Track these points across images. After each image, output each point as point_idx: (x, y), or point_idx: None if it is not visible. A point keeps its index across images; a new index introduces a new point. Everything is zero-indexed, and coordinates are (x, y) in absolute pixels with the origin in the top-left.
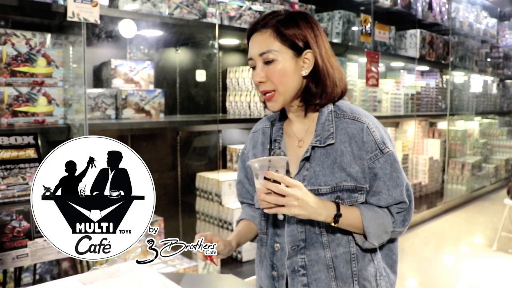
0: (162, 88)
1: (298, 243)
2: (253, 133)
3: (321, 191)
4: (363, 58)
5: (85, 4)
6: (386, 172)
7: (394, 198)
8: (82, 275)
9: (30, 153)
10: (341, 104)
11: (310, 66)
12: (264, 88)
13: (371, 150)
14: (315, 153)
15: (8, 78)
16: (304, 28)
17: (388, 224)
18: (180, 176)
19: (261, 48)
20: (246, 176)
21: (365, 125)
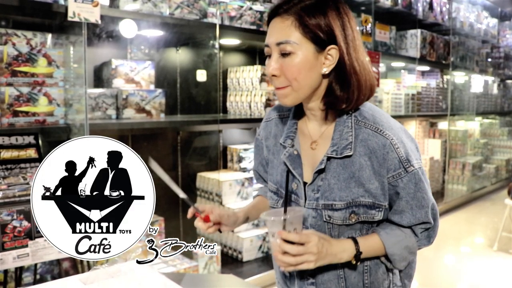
0: (163, 88)
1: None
2: (266, 122)
3: (336, 206)
4: None
5: (86, 4)
6: (410, 192)
7: (418, 218)
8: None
9: (31, 153)
10: (364, 108)
11: (333, 64)
12: (278, 84)
13: (394, 168)
14: (331, 163)
15: (9, 78)
16: (333, 19)
17: (413, 245)
18: (181, 176)
19: (279, 37)
20: (260, 163)
21: (388, 141)
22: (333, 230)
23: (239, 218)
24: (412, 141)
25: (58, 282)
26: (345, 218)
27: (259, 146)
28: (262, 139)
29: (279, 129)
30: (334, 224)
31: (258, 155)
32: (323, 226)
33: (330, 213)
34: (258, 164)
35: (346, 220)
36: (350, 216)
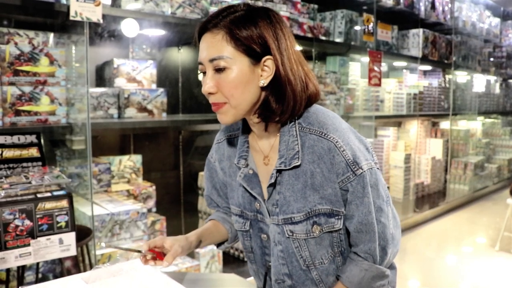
0: (165, 87)
1: (283, 278)
2: (218, 144)
3: (295, 219)
4: (365, 57)
5: (88, 4)
6: (358, 196)
7: (365, 225)
8: (85, 274)
9: (33, 152)
10: (309, 114)
11: (270, 75)
12: (214, 100)
13: (343, 172)
14: (283, 176)
15: (11, 77)
16: (265, 29)
17: (378, 270)
18: (183, 175)
19: (212, 53)
20: (214, 186)
21: (333, 144)
22: (301, 249)
23: (192, 243)
24: (361, 141)
25: (60, 281)
26: (308, 230)
27: (212, 169)
28: (215, 161)
29: (232, 150)
30: (299, 240)
31: (211, 178)
32: (289, 244)
33: (291, 228)
34: (211, 188)
35: (309, 233)
36: (313, 228)
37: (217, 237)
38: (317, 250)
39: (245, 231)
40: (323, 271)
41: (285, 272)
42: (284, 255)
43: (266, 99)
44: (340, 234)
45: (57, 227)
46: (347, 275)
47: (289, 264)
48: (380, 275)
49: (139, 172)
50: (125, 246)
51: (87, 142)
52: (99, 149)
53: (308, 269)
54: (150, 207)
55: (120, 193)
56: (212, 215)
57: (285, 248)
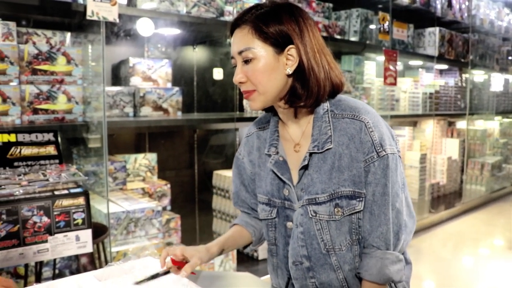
0: (180, 86)
1: (301, 260)
2: (247, 137)
3: (319, 199)
4: (381, 56)
5: (104, 3)
6: (377, 177)
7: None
8: (98, 271)
9: (50, 150)
10: (340, 102)
11: (295, 63)
12: (245, 88)
13: (368, 151)
14: (313, 159)
15: (30, 76)
16: (287, 22)
17: (392, 256)
18: (197, 173)
19: (240, 46)
20: (242, 183)
21: (363, 124)
22: (323, 231)
23: (213, 254)
24: (388, 129)
25: (74, 278)
26: (331, 212)
27: (240, 166)
28: (243, 157)
29: (261, 141)
30: (321, 222)
31: (239, 175)
32: (311, 225)
33: (314, 208)
34: (239, 184)
35: (332, 215)
36: (335, 210)
37: (240, 243)
38: (336, 235)
39: (270, 219)
40: (341, 257)
41: (304, 254)
42: (305, 237)
43: (293, 85)
44: (359, 220)
45: (74, 224)
46: (365, 269)
47: (309, 246)
48: (395, 260)
49: (154, 170)
50: (153, 271)
51: (103, 140)
52: (114, 147)
53: (328, 253)
54: (165, 205)
55: (135, 191)
56: (236, 219)
57: (307, 229)
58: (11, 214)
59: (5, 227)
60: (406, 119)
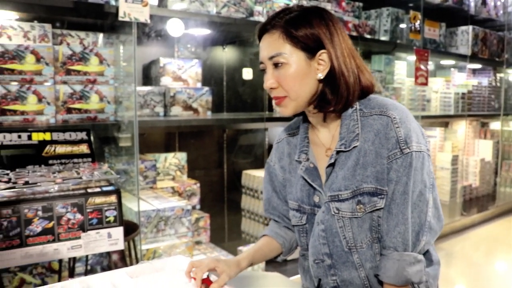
0: (210, 86)
1: (322, 257)
2: (277, 144)
3: (341, 196)
4: (412, 56)
5: (136, 4)
6: (399, 174)
7: (395, 212)
8: (129, 268)
9: (83, 148)
10: (370, 101)
11: (326, 68)
12: (275, 94)
13: (391, 147)
14: (340, 157)
15: (64, 76)
16: (318, 27)
17: (409, 257)
18: (226, 173)
19: (270, 51)
20: (274, 189)
21: (390, 119)
22: (345, 229)
23: (242, 268)
24: (419, 126)
25: (106, 274)
26: (353, 209)
27: (272, 173)
28: (274, 164)
29: (291, 147)
30: (344, 219)
31: (271, 181)
32: (333, 222)
33: (337, 205)
34: (271, 191)
35: (354, 212)
36: (358, 207)
37: (270, 255)
38: (358, 233)
39: (301, 225)
40: (362, 255)
41: (326, 252)
42: (326, 235)
43: (323, 90)
44: (379, 218)
45: (106, 222)
46: (383, 271)
47: (331, 243)
48: (413, 261)
49: (184, 169)
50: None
51: (134, 139)
52: (145, 147)
53: (350, 251)
54: (194, 204)
55: (165, 190)
56: (266, 229)
57: (328, 227)
58: (47, 211)
59: (41, 223)
60: (437, 119)
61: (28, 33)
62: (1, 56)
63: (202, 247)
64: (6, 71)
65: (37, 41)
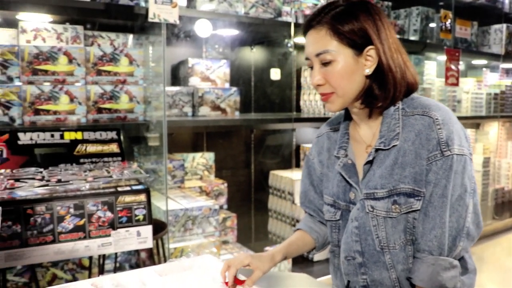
0: (238, 86)
1: (354, 255)
2: (318, 138)
3: (377, 195)
4: (442, 56)
5: (165, 6)
6: (438, 177)
7: (432, 216)
8: (159, 266)
9: (113, 147)
10: (413, 100)
11: (374, 64)
12: (323, 91)
13: (432, 149)
14: (378, 155)
15: (95, 77)
16: (365, 21)
17: (445, 262)
18: (254, 173)
19: (317, 48)
20: (311, 183)
21: (432, 120)
22: (379, 228)
23: (276, 262)
24: (462, 128)
25: (136, 272)
26: (388, 209)
27: (310, 167)
28: (313, 158)
29: (331, 142)
30: (378, 218)
31: (309, 175)
32: (367, 220)
33: (372, 203)
34: (308, 184)
35: (389, 212)
36: (393, 207)
37: (303, 249)
38: (392, 233)
39: (334, 221)
40: (394, 256)
41: (357, 250)
42: (359, 232)
43: (370, 86)
44: (414, 220)
45: (135, 220)
46: (416, 275)
47: (363, 241)
48: (449, 266)
49: (212, 169)
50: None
51: (163, 139)
52: (173, 146)
53: (382, 251)
54: (221, 204)
55: (192, 190)
56: (300, 223)
57: (362, 224)
58: (78, 208)
59: (72, 220)
60: (468, 121)
61: (61, 35)
62: (36, 57)
63: (229, 246)
64: (40, 72)
65: (70, 43)
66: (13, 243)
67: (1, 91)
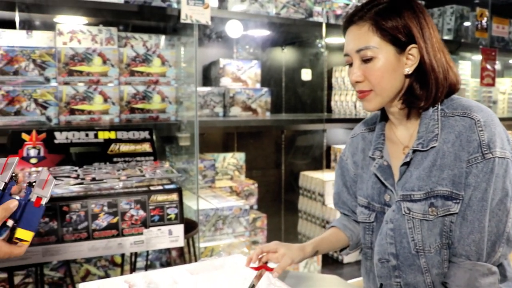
0: (269, 87)
1: (388, 257)
2: (352, 138)
3: (414, 197)
4: (477, 55)
5: (197, 7)
6: (478, 180)
7: (471, 220)
8: (190, 265)
9: (146, 147)
10: (452, 101)
11: (415, 63)
12: (361, 88)
13: (472, 151)
14: (416, 157)
15: (128, 77)
16: (409, 19)
17: (483, 268)
18: (284, 174)
19: (358, 44)
20: (344, 184)
21: (473, 122)
22: (415, 231)
23: (306, 254)
24: (505, 131)
25: (168, 270)
26: (425, 211)
27: (343, 167)
28: (347, 158)
29: (366, 142)
30: (414, 220)
31: (342, 176)
32: (403, 223)
33: (409, 205)
34: (342, 185)
35: (426, 215)
36: (430, 210)
37: (336, 246)
38: (428, 236)
39: (368, 223)
40: (429, 260)
41: (392, 252)
42: (394, 234)
43: (411, 86)
44: (451, 223)
45: (167, 219)
46: (452, 280)
47: (398, 244)
48: (487, 272)
49: (242, 169)
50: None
51: (195, 139)
52: (204, 146)
53: (417, 254)
54: (251, 204)
55: (223, 189)
56: (335, 221)
57: (397, 226)
58: (112, 206)
59: (106, 218)
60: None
61: (96, 37)
62: (72, 59)
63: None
64: (76, 73)
65: (104, 44)
66: (50, 239)
67: (39, 92)
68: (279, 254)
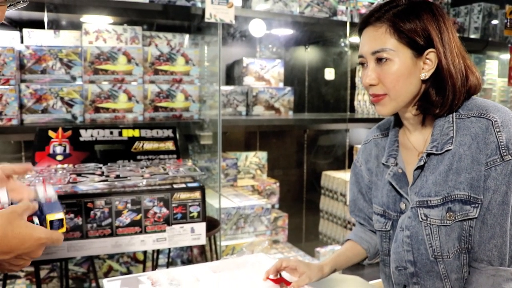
0: (292, 86)
1: (405, 265)
2: (365, 145)
3: (431, 202)
4: (505, 54)
5: (221, 6)
6: (497, 183)
7: (491, 224)
8: (213, 263)
9: (169, 145)
10: (467, 102)
11: (432, 68)
12: (374, 92)
13: (491, 153)
14: (431, 160)
15: (152, 76)
16: (428, 22)
17: (505, 273)
18: (306, 173)
19: (374, 45)
20: (360, 191)
21: (490, 122)
22: (432, 237)
23: (325, 274)
24: None
25: (191, 267)
26: (443, 217)
27: (358, 174)
28: (361, 165)
29: (379, 149)
30: (432, 226)
31: (357, 183)
32: (420, 229)
33: (426, 211)
34: (357, 192)
35: (444, 220)
36: (447, 215)
37: (354, 260)
38: (446, 241)
39: (385, 231)
40: (448, 265)
41: (409, 259)
42: (411, 242)
43: (426, 91)
44: (471, 228)
45: (189, 217)
46: (475, 286)
47: (415, 251)
48: (511, 277)
49: (264, 168)
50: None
51: (218, 137)
52: (227, 145)
53: (435, 260)
54: (273, 203)
55: (245, 188)
56: (350, 233)
57: (414, 233)
58: (135, 204)
59: (129, 215)
60: None
61: (121, 36)
62: (97, 57)
63: (280, 246)
64: (101, 71)
65: (129, 43)
66: (75, 234)
67: (65, 90)
68: (298, 273)
